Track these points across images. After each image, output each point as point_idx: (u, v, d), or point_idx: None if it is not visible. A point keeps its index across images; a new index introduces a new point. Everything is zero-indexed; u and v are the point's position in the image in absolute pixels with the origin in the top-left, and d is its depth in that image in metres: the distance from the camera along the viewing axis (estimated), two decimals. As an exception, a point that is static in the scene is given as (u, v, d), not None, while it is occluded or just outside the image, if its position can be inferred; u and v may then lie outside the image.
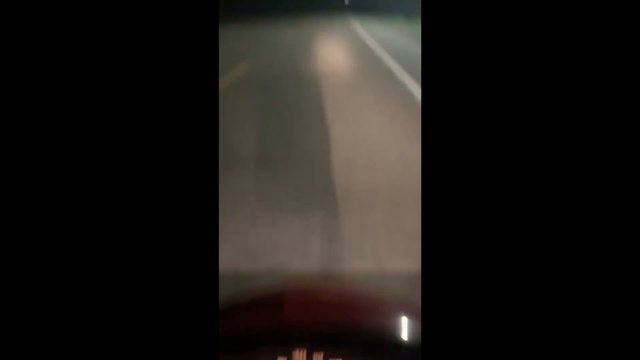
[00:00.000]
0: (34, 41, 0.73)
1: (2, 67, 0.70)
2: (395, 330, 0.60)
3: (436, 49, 0.79)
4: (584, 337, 0.68)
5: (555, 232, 0.73)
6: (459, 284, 0.82)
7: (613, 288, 0.70)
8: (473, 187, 0.77)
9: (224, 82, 4.74)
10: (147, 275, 0.77)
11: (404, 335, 0.57)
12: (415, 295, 1.38)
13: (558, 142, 0.72)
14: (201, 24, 0.79)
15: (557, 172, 0.73)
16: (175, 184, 0.81)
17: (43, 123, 0.73)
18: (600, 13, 0.71)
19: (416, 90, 4.30)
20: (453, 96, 0.77)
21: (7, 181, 0.71)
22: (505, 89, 0.74)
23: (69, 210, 0.75)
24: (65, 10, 0.76)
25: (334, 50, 8.40)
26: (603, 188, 0.71)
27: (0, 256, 0.69)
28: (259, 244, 1.64)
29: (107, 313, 0.71)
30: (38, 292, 0.70)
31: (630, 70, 0.69)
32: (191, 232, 0.82)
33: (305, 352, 0.48)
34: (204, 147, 0.81)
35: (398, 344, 0.57)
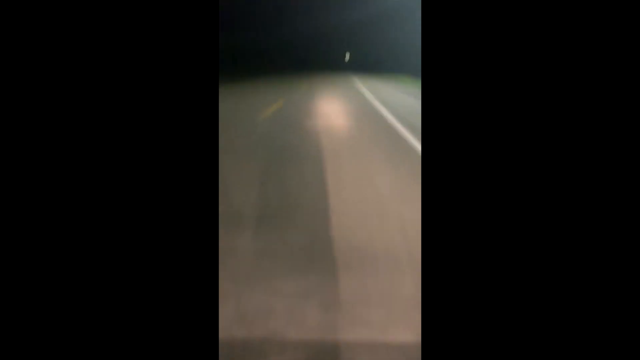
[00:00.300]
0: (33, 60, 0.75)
1: (2, 67, 0.73)
2: None
3: (436, 108, 0.80)
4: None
5: (554, 301, 0.70)
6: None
7: (612, 289, 0.67)
8: (474, 253, 0.75)
9: (225, 138, 4.82)
10: (148, 341, 0.75)
11: None
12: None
13: (556, 208, 0.71)
14: (202, 81, 0.81)
15: (555, 242, 0.71)
16: (177, 244, 0.81)
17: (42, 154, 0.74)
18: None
19: (419, 148, 4.36)
20: (454, 155, 0.77)
21: (6, 179, 0.71)
22: (505, 152, 0.74)
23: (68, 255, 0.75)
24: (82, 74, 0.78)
25: (336, 107, 8.62)
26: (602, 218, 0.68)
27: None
28: (254, 310, 1.60)
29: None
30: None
31: (625, 73, 0.68)
32: (191, 296, 0.81)
33: None
34: (205, 206, 0.81)
35: None
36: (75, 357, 0.69)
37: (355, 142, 5.00)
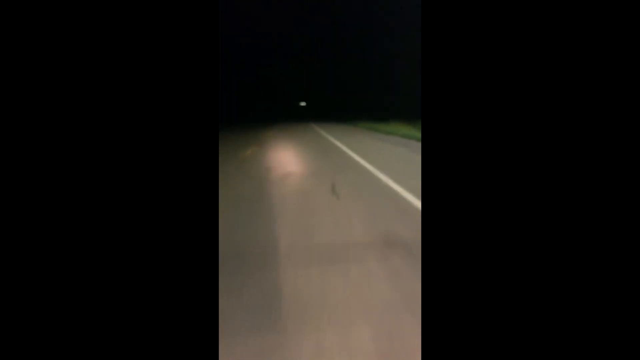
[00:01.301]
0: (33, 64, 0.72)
1: (3, 67, 0.71)
2: None
3: (435, 166, 0.77)
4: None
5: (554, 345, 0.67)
6: None
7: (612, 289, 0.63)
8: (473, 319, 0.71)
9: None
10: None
11: None
12: None
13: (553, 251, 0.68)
14: (201, 83, 0.82)
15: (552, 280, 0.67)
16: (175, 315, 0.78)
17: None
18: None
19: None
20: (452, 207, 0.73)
21: (6, 179, 0.69)
22: (501, 212, 0.71)
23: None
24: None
25: (298, 159, 8.40)
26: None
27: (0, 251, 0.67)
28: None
29: None
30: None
31: (621, 80, 0.67)
32: (191, 297, 0.79)
33: None
34: (205, 206, 0.80)
35: None
36: (75, 357, 0.69)
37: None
